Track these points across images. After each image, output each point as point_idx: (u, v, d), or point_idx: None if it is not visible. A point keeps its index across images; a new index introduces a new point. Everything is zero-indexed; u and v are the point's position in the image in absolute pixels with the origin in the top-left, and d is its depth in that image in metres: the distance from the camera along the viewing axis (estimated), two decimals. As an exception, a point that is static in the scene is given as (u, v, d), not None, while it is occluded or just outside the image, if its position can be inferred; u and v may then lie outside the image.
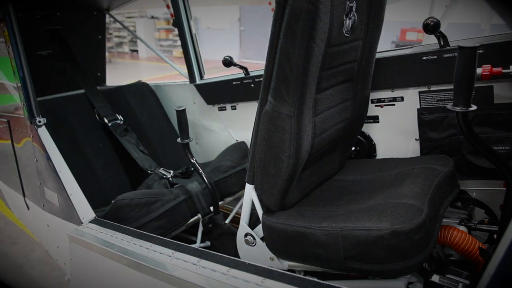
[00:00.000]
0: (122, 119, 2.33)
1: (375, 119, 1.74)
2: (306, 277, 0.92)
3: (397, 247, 0.99)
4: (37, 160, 1.84)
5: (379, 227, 1.00)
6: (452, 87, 1.07)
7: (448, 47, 1.50)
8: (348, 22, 1.20)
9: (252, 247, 1.31)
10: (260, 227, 1.29)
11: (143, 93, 2.59)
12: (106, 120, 2.28)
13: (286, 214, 1.22)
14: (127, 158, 2.23)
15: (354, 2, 1.20)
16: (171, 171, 2.16)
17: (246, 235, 1.32)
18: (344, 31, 1.19)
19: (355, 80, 1.40)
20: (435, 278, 1.20)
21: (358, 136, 1.78)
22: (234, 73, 2.22)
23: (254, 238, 1.30)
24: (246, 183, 1.29)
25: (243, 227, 1.32)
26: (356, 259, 1.04)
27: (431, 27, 1.44)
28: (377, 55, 1.70)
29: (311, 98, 1.12)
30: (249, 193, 1.28)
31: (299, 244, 1.13)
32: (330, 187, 1.43)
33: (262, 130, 1.14)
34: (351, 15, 1.20)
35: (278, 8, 1.04)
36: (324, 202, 1.29)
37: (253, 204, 1.31)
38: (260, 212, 1.28)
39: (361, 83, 1.42)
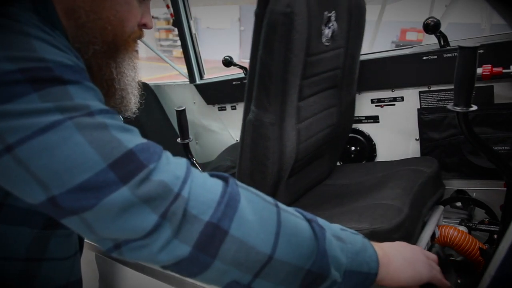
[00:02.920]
0: (122, 119, 2.32)
1: (375, 119, 1.74)
2: (306, 278, 0.92)
3: None
4: None
5: (358, 228, 1.03)
6: (452, 87, 1.07)
7: (448, 47, 1.49)
8: (327, 32, 1.21)
9: None
10: None
11: (143, 93, 2.59)
12: (106, 120, 2.28)
13: None
14: (127, 158, 2.23)
15: (333, 12, 1.21)
16: (171, 171, 2.15)
17: None
18: (323, 40, 1.21)
19: (339, 86, 1.41)
20: None
21: (358, 136, 1.78)
22: (234, 73, 2.22)
23: None
24: None
25: None
26: None
27: (431, 27, 1.44)
28: (377, 55, 1.70)
29: (292, 106, 1.14)
30: None
31: None
32: (319, 192, 1.45)
33: (247, 138, 1.16)
34: (331, 24, 1.22)
35: (256, 20, 1.06)
36: (312, 207, 1.31)
37: None
38: None
39: (345, 89, 1.44)
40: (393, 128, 1.71)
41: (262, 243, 0.59)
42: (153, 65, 12.66)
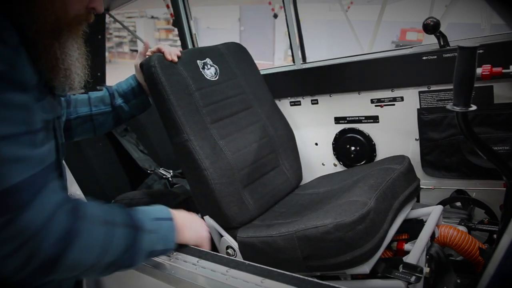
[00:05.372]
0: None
1: (375, 119, 1.74)
2: (306, 278, 0.92)
3: (343, 239, 1.06)
4: None
5: (324, 223, 1.09)
6: (452, 87, 1.07)
7: (448, 47, 1.50)
8: (209, 72, 1.48)
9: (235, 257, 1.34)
10: None
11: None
12: (106, 120, 2.28)
13: (255, 228, 1.30)
14: (127, 158, 2.23)
15: (207, 58, 1.50)
16: (171, 171, 2.16)
17: (227, 247, 1.34)
18: (209, 78, 1.47)
19: (254, 107, 1.58)
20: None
21: (358, 136, 1.79)
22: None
23: (234, 250, 1.33)
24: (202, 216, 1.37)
25: (224, 241, 1.34)
26: (312, 257, 1.11)
27: (431, 27, 1.44)
28: (377, 55, 1.70)
29: (203, 128, 1.36)
30: (209, 223, 1.35)
31: (265, 253, 1.20)
32: (303, 201, 1.50)
33: (179, 163, 1.38)
34: (209, 67, 1.49)
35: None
36: (294, 215, 1.35)
37: None
38: (225, 234, 1.34)
39: (260, 108, 1.60)
40: (393, 128, 1.71)
41: (90, 259, 0.79)
42: (153, 65, 12.65)
